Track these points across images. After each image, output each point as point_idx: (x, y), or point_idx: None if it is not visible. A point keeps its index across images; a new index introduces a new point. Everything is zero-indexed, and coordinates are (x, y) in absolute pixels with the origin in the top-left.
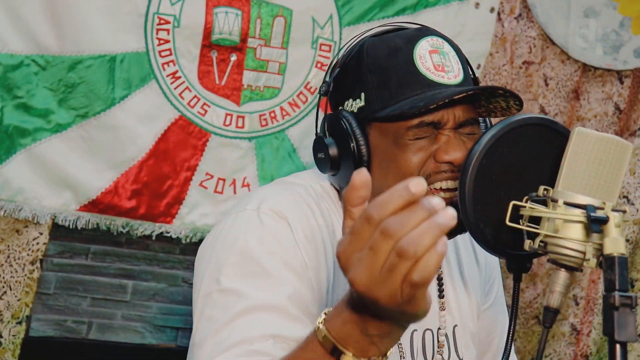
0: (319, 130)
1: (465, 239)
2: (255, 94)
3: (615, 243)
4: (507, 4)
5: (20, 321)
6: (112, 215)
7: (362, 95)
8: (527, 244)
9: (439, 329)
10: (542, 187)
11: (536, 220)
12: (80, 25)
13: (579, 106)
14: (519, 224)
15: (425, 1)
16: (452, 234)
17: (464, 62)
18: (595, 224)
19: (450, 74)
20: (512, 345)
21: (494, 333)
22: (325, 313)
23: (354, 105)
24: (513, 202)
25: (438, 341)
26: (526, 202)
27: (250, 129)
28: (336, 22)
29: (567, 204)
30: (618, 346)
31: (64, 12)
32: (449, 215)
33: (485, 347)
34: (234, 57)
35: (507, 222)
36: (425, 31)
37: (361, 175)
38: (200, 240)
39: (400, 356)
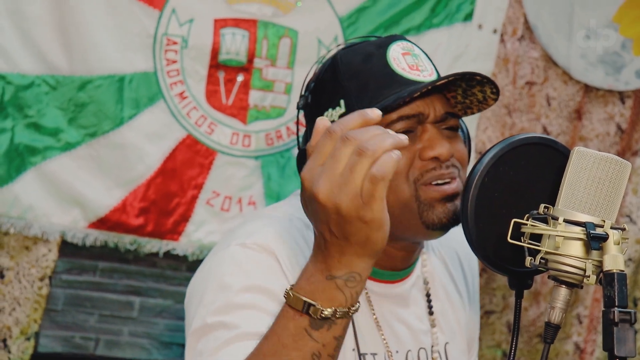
0: (300, 145)
1: (450, 249)
2: (262, 114)
3: (614, 260)
4: (509, 26)
5: (28, 337)
6: (120, 233)
7: (342, 102)
8: (528, 260)
9: (432, 346)
10: (542, 205)
11: (537, 238)
12: (90, 46)
13: (581, 126)
14: (520, 241)
15: (430, 22)
16: (447, 226)
17: (434, 64)
18: (594, 242)
19: (425, 73)
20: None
21: (473, 340)
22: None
23: (333, 114)
24: (514, 219)
25: (432, 359)
26: (527, 219)
27: (256, 147)
28: (341, 43)
29: (567, 221)
30: None
31: (74, 33)
32: (403, 137)
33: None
34: (240, 77)
35: (509, 239)
36: (393, 37)
37: (324, 122)
38: None
39: None
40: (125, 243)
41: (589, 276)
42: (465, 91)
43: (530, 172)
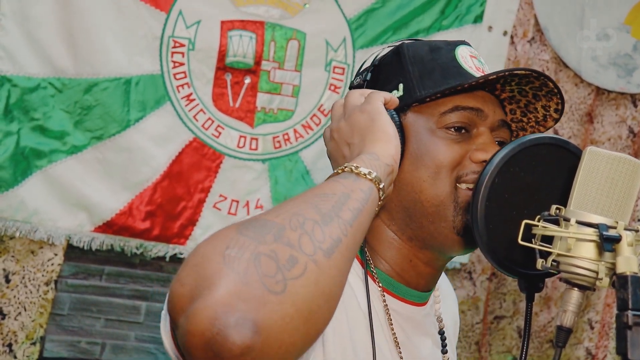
0: None
1: (447, 284)
2: (269, 116)
3: (628, 262)
4: (520, 28)
5: (34, 342)
6: (126, 237)
7: (400, 86)
8: (540, 263)
9: None
10: (554, 206)
11: (549, 240)
12: (96, 48)
13: (592, 129)
14: (531, 243)
15: (439, 24)
16: (466, 249)
17: None
18: (607, 243)
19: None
20: None
21: None
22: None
23: None
24: (525, 221)
25: None
26: (538, 221)
27: (263, 150)
28: (349, 45)
29: (579, 223)
30: None
31: (80, 36)
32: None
33: None
34: (248, 80)
35: (520, 241)
36: (462, 41)
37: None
38: None
39: None
40: (132, 247)
41: (601, 279)
42: (527, 105)
43: (542, 173)
